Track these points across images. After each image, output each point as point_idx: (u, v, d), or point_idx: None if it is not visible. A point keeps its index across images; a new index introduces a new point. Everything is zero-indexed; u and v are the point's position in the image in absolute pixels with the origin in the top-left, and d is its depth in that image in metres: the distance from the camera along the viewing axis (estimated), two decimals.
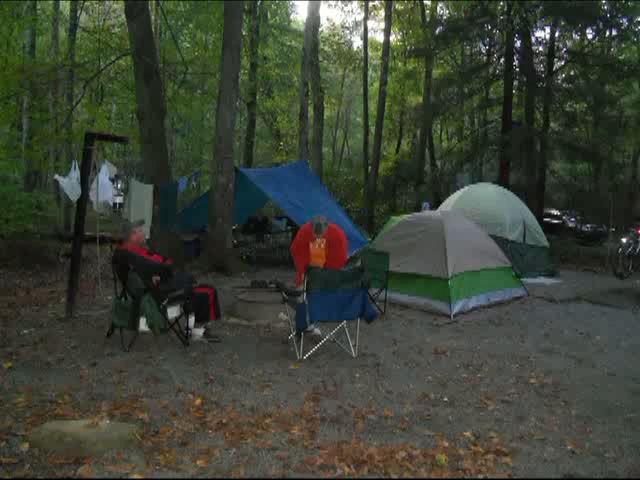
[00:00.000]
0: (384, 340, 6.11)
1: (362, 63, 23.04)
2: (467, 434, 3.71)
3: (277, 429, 3.66)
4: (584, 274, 12.08)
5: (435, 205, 15.51)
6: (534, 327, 6.98)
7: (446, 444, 3.53)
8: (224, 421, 3.73)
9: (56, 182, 7.83)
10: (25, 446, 3.21)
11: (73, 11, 17.83)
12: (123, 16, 12.28)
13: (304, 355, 5.25)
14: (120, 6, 15.98)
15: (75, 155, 16.27)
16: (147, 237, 8.91)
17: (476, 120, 25.57)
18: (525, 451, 3.49)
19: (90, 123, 18.18)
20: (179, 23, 21.21)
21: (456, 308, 7.37)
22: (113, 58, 15.17)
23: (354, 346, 5.47)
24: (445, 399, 4.37)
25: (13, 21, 14.66)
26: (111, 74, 17.12)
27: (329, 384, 4.61)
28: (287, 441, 3.49)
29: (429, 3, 24.20)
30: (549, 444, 3.60)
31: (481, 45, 20.44)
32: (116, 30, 16.58)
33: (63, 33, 19.75)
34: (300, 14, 42.41)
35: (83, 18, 20.72)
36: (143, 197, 8.96)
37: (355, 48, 27.28)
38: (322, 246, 6.06)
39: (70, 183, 6.70)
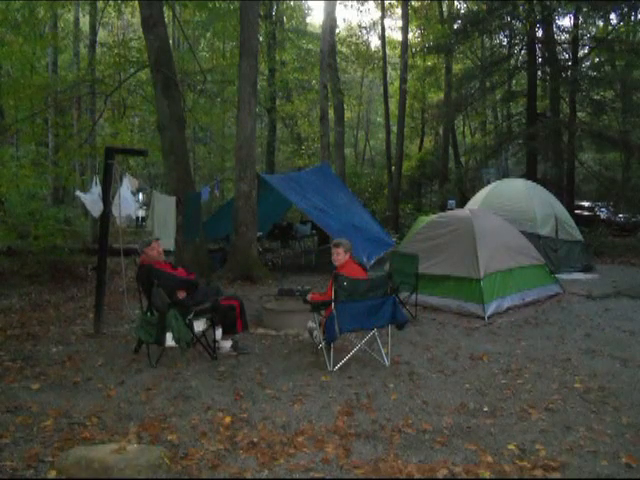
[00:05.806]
0: (417, 346, 5.91)
1: (381, 62, 22.79)
2: (511, 447, 3.50)
3: (310, 447, 3.51)
4: (621, 267, 11.62)
5: (461, 203, 15.18)
6: (573, 326, 6.68)
7: (490, 459, 3.33)
8: (255, 440, 3.60)
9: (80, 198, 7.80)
10: (52, 474, 3.14)
11: (92, 27, 18.07)
12: (141, 30, 12.34)
13: (335, 366, 5.09)
14: (138, 20, 16.09)
15: (96, 170, 16.49)
16: (172, 249, 8.89)
17: (499, 114, 25.07)
18: (576, 465, 3.26)
19: (114, 137, 18.35)
20: (196, 33, 21.30)
21: (490, 309, 7.12)
22: (132, 71, 15.28)
23: (386, 354, 5.28)
24: (485, 409, 4.16)
25: (35, 43, 14.92)
26: (131, 87, 17.26)
27: (362, 396, 4.43)
28: (321, 460, 3.33)
29: None
30: (601, 457, 3.35)
31: (502, 37, 19.99)
32: (134, 44, 16.66)
33: (83, 50, 20.04)
34: (316, 17, 42.28)
35: (102, 33, 20.95)
36: (166, 208, 8.91)
37: (373, 48, 27.06)
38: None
39: (92, 199, 6.65)
